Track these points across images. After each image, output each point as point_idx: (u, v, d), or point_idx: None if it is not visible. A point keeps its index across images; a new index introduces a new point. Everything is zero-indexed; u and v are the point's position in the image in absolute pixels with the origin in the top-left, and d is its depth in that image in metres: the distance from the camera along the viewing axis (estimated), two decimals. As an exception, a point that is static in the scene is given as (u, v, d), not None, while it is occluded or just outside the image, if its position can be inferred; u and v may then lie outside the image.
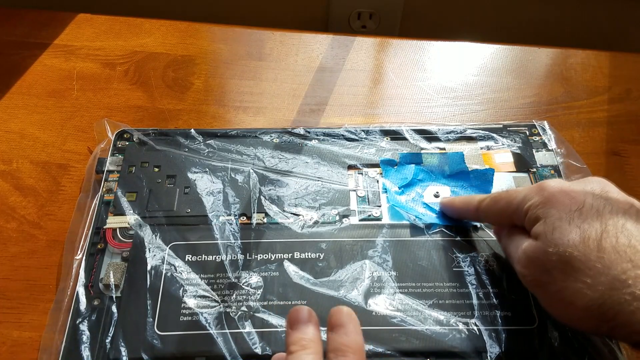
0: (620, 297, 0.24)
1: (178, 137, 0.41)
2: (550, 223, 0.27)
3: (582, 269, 0.25)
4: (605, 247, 0.25)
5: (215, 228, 0.36)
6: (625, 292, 0.24)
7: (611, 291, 0.24)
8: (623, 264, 0.24)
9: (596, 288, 0.25)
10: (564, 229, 0.26)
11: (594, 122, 0.45)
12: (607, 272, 0.24)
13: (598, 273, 0.25)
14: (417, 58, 0.50)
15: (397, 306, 0.32)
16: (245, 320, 0.32)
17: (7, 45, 0.49)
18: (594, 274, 0.25)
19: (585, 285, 0.25)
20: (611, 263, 0.25)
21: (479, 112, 0.46)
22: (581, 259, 0.25)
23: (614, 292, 0.24)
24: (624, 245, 0.25)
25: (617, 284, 0.24)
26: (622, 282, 0.24)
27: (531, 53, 0.51)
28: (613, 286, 0.24)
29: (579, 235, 0.26)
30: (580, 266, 0.25)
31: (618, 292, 0.24)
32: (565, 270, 0.26)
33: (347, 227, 0.36)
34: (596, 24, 0.64)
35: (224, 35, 0.51)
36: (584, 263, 0.25)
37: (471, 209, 0.34)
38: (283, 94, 0.47)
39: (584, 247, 0.25)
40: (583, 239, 0.26)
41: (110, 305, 0.32)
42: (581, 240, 0.26)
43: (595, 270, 0.25)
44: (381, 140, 0.41)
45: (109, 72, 0.48)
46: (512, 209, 0.30)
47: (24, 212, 0.39)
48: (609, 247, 0.25)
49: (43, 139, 0.43)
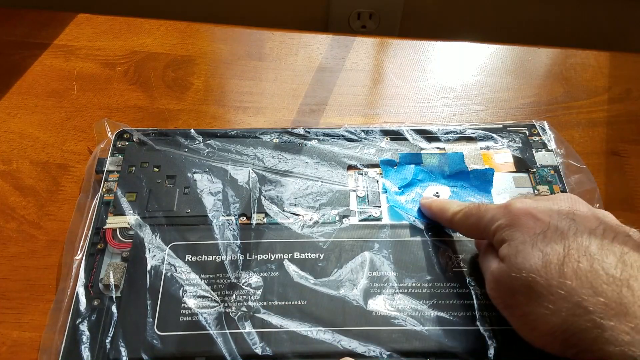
0: (582, 324, 0.23)
1: (178, 137, 0.41)
2: (514, 246, 0.27)
3: (544, 294, 0.25)
4: (567, 272, 0.25)
5: (215, 228, 0.36)
6: (587, 319, 0.23)
7: (573, 317, 0.24)
8: (584, 289, 0.24)
9: (559, 314, 0.24)
10: (526, 253, 0.26)
11: (594, 122, 0.45)
12: (569, 298, 0.24)
13: (560, 299, 0.24)
14: (417, 58, 0.50)
15: (397, 306, 0.32)
16: (245, 320, 0.32)
17: (7, 45, 0.49)
18: (556, 299, 0.24)
19: (549, 311, 0.25)
20: (572, 289, 0.24)
21: (478, 112, 0.46)
22: (543, 284, 0.25)
23: (575, 318, 0.24)
24: (585, 270, 0.24)
25: (578, 311, 0.24)
26: (584, 308, 0.24)
27: (531, 53, 0.51)
28: (575, 312, 0.24)
29: (541, 259, 0.26)
30: (543, 291, 0.25)
31: (579, 319, 0.24)
32: (529, 295, 0.26)
33: (347, 228, 0.36)
34: (596, 24, 0.64)
35: (224, 35, 0.51)
36: (546, 288, 0.25)
37: (446, 218, 0.34)
38: (283, 94, 0.47)
39: (545, 272, 0.25)
40: (545, 263, 0.25)
41: (110, 305, 0.32)
42: (543, 265, 0.25)
43: (557, 296, 0.24)
44: (381, 140, 0.41)
45: (109, 72, 0.48)
46: (481, 227, 0.30)
47: (23, 212, 0.39)
48: (571, 272, 0.25)
49: (43, 139, 0.43)
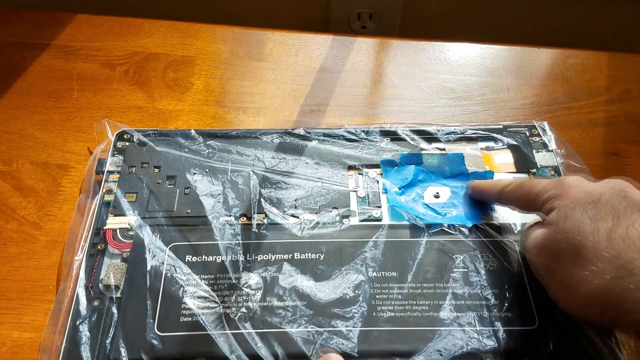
0: (625, 286, 0.24)
1: (178, 138, 0.41)
2: (563, 212, 0.28)
3: (589, 257, 0.26)
4: (615, 238, 0.25)
5: (216, 229, 0.35)
6: (631, 281, 0.24)
7: (617, 280, 0.25)
8: (631, 253, 0.25)
9: (602, 276, 0.25)
10: (575, 219, 0.27)
11: (594, 123, 0.45)
12: (615, 261, 0.25)
13: (605, 261, 0.25)
14: (417, 58, 0.50)
15: (397, 306, 0.32)
16: (245, 321, 0.32)
17: (7, 45, 0.49)
18: (602, 262, 0.25)
19: (592, 273, 0.25)
20: (619, 252, 0.25)
21: (478, 112, 0.46)
22: (589, 248, 0.26)
23: (619, 280, 0.24)
24: (634, 237, 0.25)
25: (623, 273, 0.24)
26: (629, 271, 0.24)
27: (531, 53, 0.51)
28: (619, 274, 0.25)
29: (590, 225, 0.26)
30: (588, 254, 0.26)
31: (623, 281, 0.24)
32: (574, 258, 0.26)
33: (348, 228, 0.36)
34: (596, 24, 0.64)
35: (224, 36, 0.51)
36: (592, 252, 0.26)
37: (496, 191, 0.34)
38: (283, 95, 0.47)
39: (593, 236, 0.26)
40: (594, 229, 0.26)
41: (110, 306, 0.32)
42: (592, 230, 0.26)
43: (602, 259, 0.25)
44: (381, 140, 0.41)
45: (109, 72, 0.48)
46: (531, 197, 0.31)
47: (24, 212, 0.39)
48: (619, 238, 0.25)
49: (43, 140, 0.43)
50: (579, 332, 0.31)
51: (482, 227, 0.36)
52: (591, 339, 0.31)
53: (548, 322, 0.32)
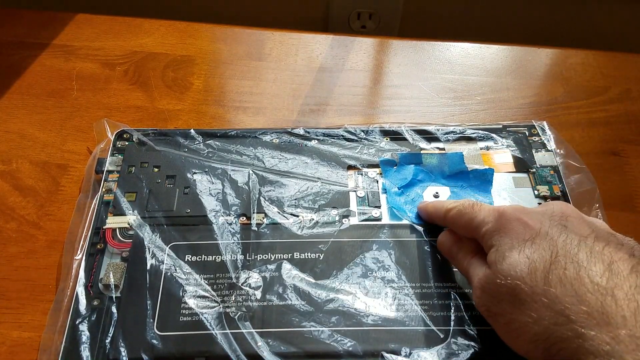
0: (564, 334, 0.23)
1: (178, 138, 0.41)
2: (501, 252, 0.27)
3: (528, 302, 0.25)
4: (552, 280, 0.24)
5: (215, 228, 0.36)
6: (568, 329, 0.23)
7: (555, 326, 0.24)
8: (567, 297, 0.24)
9: (541, 322, 0.24)
10: (513, 260, 0.26)
11: (594, 122, 0.45)
12: (552, 306, 0.24)
13: (543, 307, 0.24)
14: (416, 58, 0.50)
15: (397, 306, 0.32)
16: (245, 320, 0.32)
17: (7, 45, 0.49)
18: (539, 307, 0.24)
19: (531, 319, 0.24)
20: (556, 297, 0.24)
21: (478, 112, 0.46)
22: (527, 292, 0.25)
23: (557, 327, 0.23)
24: (571, 278, 0.24)
25: (560, 319, 0.23)
26: (566, 317, 0.23)
27: (531, 53, 0.51)
28: (557, 321, 0.23)
29: (528, 266, 0.25)
30: (527, 299, 0.25)
31: (561, 328, 0.23)
32: (513, 303, 0.25)
33: (347, 228, 0.36)
34: (596, 24, 0.64)
35: (223, 35, 0.51)
36: (530, 296, 0.25)
37: (440, 216, 0.34)
38: (283, 94, 0.47)
39: (530, 279, 0.25)
40: (531, 270, 0.25)
41: (110, 305, 0.32)
42: (529, 271, 0.25)
43: (540, 304, 0.24)
44: (381, 140, 0.41)
45: (109, 72, 0.48)
46: (472, 228, 0.30)
47: (23, 212, 0.39)
48: (556, 280, 0.24)
49: (42, 139, 0.43)
50: None
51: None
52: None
53: None
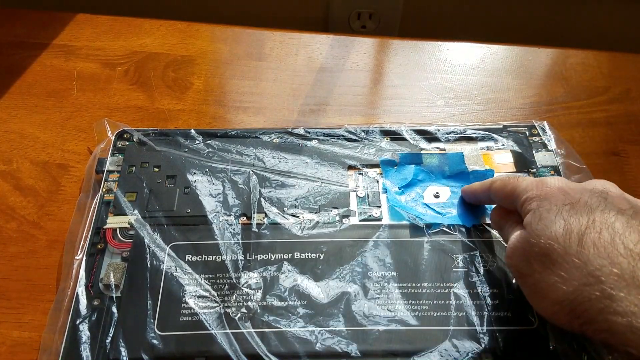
0: (591, 294, 0.23)
1: (178, 137, 0.41)
2: (538, 214, 0.27)
3: (559, 262, 0.25)
4: (586, 242, 0.25)
5: (216, 228, 0.36)
6: (597, 289, 0.23)
7: (584, 287, 0.24)
8: (600, 260, 0.24)
9: (570, 282, 0.24)
10: (549, 221, 0.26)
11: (594, 123, 0.45)
12: (583, 267, 0.24)
13: (574, 267, 0.24)
14: (416, 58, 0.50)
15: (397, 306, 0.32)
16: (245, 320, 0.32)
17: (7, 45, 0.49)
18: (570, 268, 0.24)
19: (561, 279, 0.25)
20: (588, 258, 0.24)
21: (478, 112, 0.46)
22: (560, 252, 0.25)
23: (586, 287, 0.24)
24: (606, 242, 0.24)
25: (590, 280, 0.24)
26: (596, 278, 0.24)
27: (531, 53, 0.51)
28: (587, 282, 0.24)
29: (563, 227, 0.26)
30: (559, 259, 0.25)
31: (590, 289, 0.24)
32: (544, 262, 0.26)
33: (347, 228, 0.36)
34: (596, 24, 0.64)
35: (224, 35, 0.51)
36: (562, 256, 0.25)
37: (485, 189, 0.34)
38: (283, 94, 0.47)
39: (564, 240, 0.25)
40: (566, 231, 0.25)
41: (110, 305, 0.32)
42: (564, 233, 0.25)
43: (572, 265, 0.24)
44: (381, 140, 0.41)
45: (109, 72, 0.48)
46: (515, 196, 0.30)
47: (23, 212, 0.39)
48: (590, 242, 0.25)
49: (43, 139, 0.43)
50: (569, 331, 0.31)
51: (482, 227, 0.36)
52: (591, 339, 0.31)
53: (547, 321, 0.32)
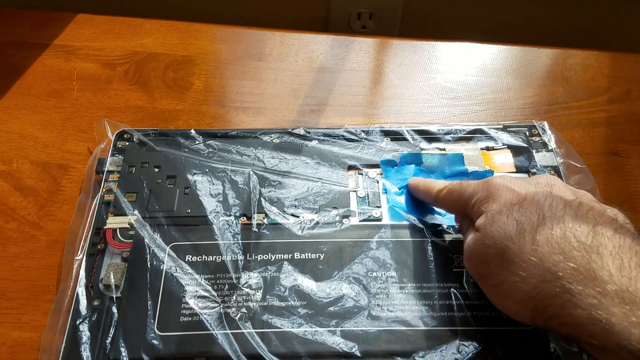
0: (552, 290, 0.24)
1: (178, 138, 0.41)
2: (490, 216, 0.28)
3: (516, 262, 0.25)
4: (539, 240, 0.25)
5: (216, 228, 0.36)
6: (556, 285, 0.24)
7: (543, 284, 0.24)
8: (555, 255, 0.24)
9: (529, 281, 0.25)
10: (501, 222, 0.27)
11: (594, 123, 0.45)
12: (540, 265, 0.25)
13: (531, 265, 0.25)
14: (417, 58, 0.50)
15: (397, 306, 0.32)
16: (245, 320, 0.32)
17: (7, 45, 0.49)
18: (528, 266, 0.25)
19: (520, 278, 0.25)
20: (544, 255, 0.25)
21: (479, 112, 0.46)
22: (515, 252, 0.25)
23: (545, 284, 0.24)
24: (558, 237, 0.25)
25: (548, 276, 0.24)
26: (554, 274, 0.24)
27: (531, 53, 0.51)
28: (545, 278, 0.24)
29: (516, 227, 0.26)
30: (515, 259, 0.25)
31: (549, 285, 0.24)
32: (502, 263, 0.26)
33: (348, 228, 0.36)
34: (596, 24, 0.64)
35: (224, 35, 0.51)
36: (518, 255, 0.25)
37: (431, 196, 0.34)
38: (283, 95, 0.47)
39: (519, 240, 0.26)
40: (519, 231, 0.26)
41: (110, 305, 0.32)
42: (517, 232, 0.26)
43: (528, 263, 0.25)
44: (381, 140, 0.41)
45: (109, 72, 0.48)
46: (462, 202, 0.31)
47: (24, 212, 0.39)
48: (543, 240, 0.25)
49: (43, 140, 0.43)
50: None
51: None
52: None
53: None
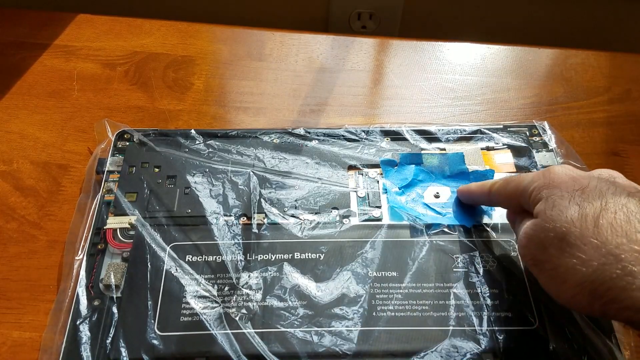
0: (613, 272, 0.24)
1: (178, 138, 0.41)
2: (550, 201, 0.27)
3: (577, 245, 0.25)
4: (602, 224, 0.25)
5: (216, 229, 0.36)
6: (618, 267, 0.23)
7: (604, 266, 0.24)
8: (618, 238, 0.24)
9: (590, 263, 0.24)
10: (563, 206, 0.27)
11: (594, 123, 0.45)
12: (602, 247, 0.24)
13: (593, 248, 0.25)
14: (417, 58, 0.50)
15: (397, 306, 0.32)
16: (245, 321, 0.32)
17: (7, 45, 0.49)
18: (589, 249, 0.25)
19: (580, 261, 0.25)
20: (606, 238, 0.24)
21: (479, 112, 0.46)
22: (577, 235, 0.25)
23: (606, 267, 0.24)
24: (622, 221, 0.24)
25: (610, 259, 0.24)
26: (616, 256, 0.24)
27: (531, 53, 0.51)
28: (606, 261, 0.24)
29: (578, 212, 0.26)
30: (576, 242, 0.25)
31: (610, 267, 0.24)
32: (561, 247, 0.26)
33: (348, 228, 0.36)
34: (596, 24, 0.64)
35: (224, 35, 0.51)
36: (579, 238, 0.25)
37: (484, 192, 0.34)
38: (283, 95, 0.47)
39: (580, 223, 0.25)
40: (581, 215, 0.26)
41: (110, 305, 0.32)
42: (579, 216, 0.26)
43: (590, 246, 0.25)
44: (381, 140, 0.41)
45: (109, 72, 0.48)
46: (519, 192, 0.30)
47: (24, 212, 0.39)
48: (606, 224, 0.25)
49: (43, 140, 0.43)
50: (578, 332, 0.31)
51: (481, 227, 0.36)
52: (591, 339, 0.31)
53: (547, 322, 0.32)
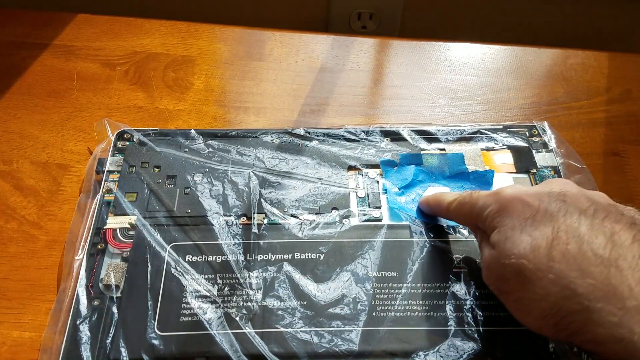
0: (572, 307, 0.24)
1: (178, 138, 0.41)
2: (503, 233, 0.27)
3: (534, 279, 0.25)
4: (555, 256, 0.25)
5: (216, 229, 0.36)
6: (575, 302, 0.23)
7: (562, 301, 0.24)
8: (572, 272, 0.24)
9: (548, 298, 0.24)
10: (515, 239, 0.26)
11: (594, 123, 0.45)
12: (558, 282, 0.24)
13: (550, 282, 0.24)
14: (417, 58, 0.50)
15: (397, 307, 0.32)
16: (245, 320, 0.32)
17: (7, 45, 0.49)
18: (546, 284, 0.25)
19: (539, 296, 0.25)
20: (561, 272, 0.24)
21: (479, 112, 0.46)
22: (532, 269, 0.25)
23: (565, 301, 0.24)
24: (574, 252, 0.24)
25: (567, 293, 0.24)
26: (572, 291, 0.24)
27: (531, 53, 0.51)
28: (564, 295, 0.24)
29: (530, 244, 0.26)
30: (532, 276, 0.25)
31: (569, 302, 0.24)
32: (520, 281, 0.26)
33: (348, 228, 0.36)
34: (596, 24, 0.64)
35: (224, 35, 0.51)
36: (534, 273, 0.25)
37: (442, 209, 0.34)
38: (283, 95, 0.47)
39: (534, 257, 0.25)
40: (533, 247, 0.25)
41: (110, 305, 0.32)
42: (532, 249, 0.25)
43: (546, 280, 0.25)
44: (381, 140, 0.41)
45: (109, 72, 0.48)
46: (474, 215, 0.30)
47: (24, 212, 0.39)
48: (559, 255, 0.25)
49: (43, 139, 0.43)
50: None
51: (482, 227, 0.36)
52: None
53: None
